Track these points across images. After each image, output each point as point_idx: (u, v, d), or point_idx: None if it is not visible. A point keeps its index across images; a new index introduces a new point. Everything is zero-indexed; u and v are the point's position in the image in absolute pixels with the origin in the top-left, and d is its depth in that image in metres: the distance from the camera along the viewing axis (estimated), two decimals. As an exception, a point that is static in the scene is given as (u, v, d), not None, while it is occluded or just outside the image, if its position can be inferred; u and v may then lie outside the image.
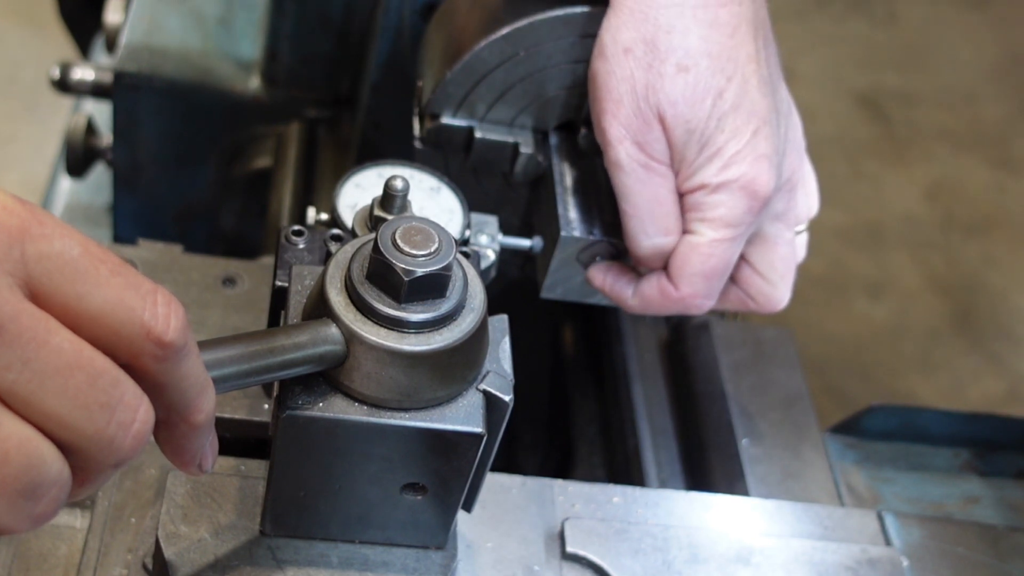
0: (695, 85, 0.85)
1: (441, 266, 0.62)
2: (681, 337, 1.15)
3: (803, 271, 0.97)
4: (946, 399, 2.65)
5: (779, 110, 0.90)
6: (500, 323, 0.70)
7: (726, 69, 0.85)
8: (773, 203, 0.90)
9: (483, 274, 0.83)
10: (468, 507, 0.74)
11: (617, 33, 0.86)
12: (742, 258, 0.92)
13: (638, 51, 0.85)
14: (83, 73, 1.37)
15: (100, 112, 1.53)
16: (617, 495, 0.90)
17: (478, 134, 0.96)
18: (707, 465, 1.04)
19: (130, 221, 1.41)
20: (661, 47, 0.85)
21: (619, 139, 0.86)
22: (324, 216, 0.87)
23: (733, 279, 0.93)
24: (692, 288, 0.89)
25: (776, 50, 0.91)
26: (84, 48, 2.02)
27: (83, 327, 0.50)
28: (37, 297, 0.49)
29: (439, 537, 0.73)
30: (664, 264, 0.91)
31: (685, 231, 0.89)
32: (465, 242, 0.90)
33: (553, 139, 0.98)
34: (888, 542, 0.92)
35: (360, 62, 1.25)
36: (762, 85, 0.87)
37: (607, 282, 0.94)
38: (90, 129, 1.40)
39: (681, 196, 0.89)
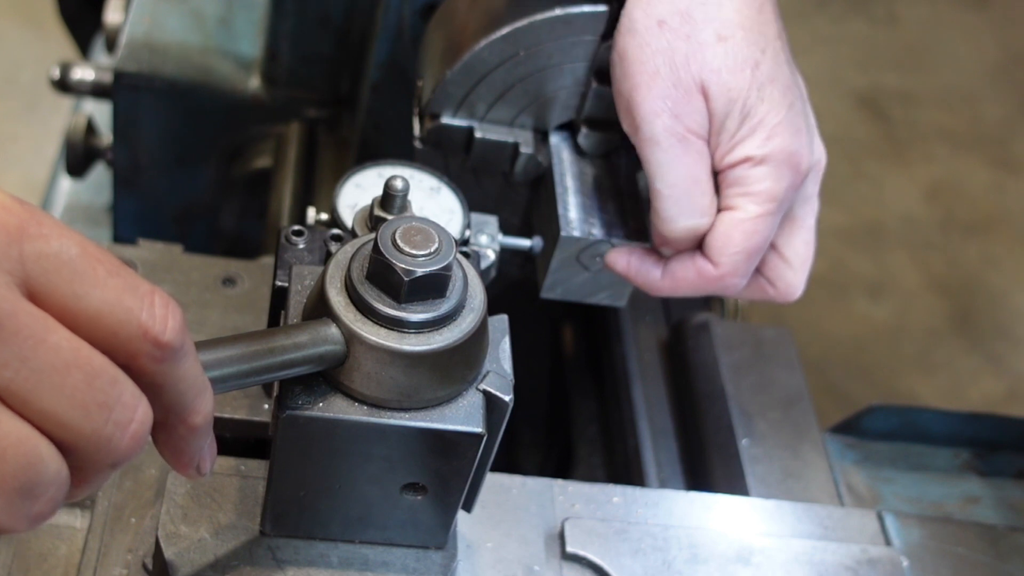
0: (735, 54, 0.84)
1: (441, 266, 0.62)
2: (681, 337, 1.15)
3: (803, 271, 0.96)
4: (946, 399, 2.65)
5: (802, 89, 0.90)
6: (500, 323, 0.70)
7: (759, 42, 0.85)
8: (805, 183, 0.89)
9: (483, 274, 0.83)
10: (468, 507, 0.74)
11: (649, 7, 0.85)
12: None
13: (674, 22, 0.84)
14: (83, 73, 1.37)
15: (100, 112, 1.53)
16: (617, 495, 0.90)
17: (478, 134, 0.96)
18: (707, 465, 1.04)
19: (130, 221, 1.41)
20: (697, 18, 0.84)
21: (656, 112, 0.84)
22: (324, 216, 0.87)
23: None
24: (733, 267, 0.87)
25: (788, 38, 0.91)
26: (84, 48, 2.02)
27: (81, 327, 0.50)
28: (35, 297, 0.49)
29: (439, 537, 0.73)
30: (695, 245, 0.89)
31: (724, 207, 0.87)
32: (465, 242, 0.90)
33: (553, 139, 0.98)
34: (888, 542, 0.92)
35: (360, 62, 1.25)
36: (789, 62, 0.87)
37: (632, 265, 0.91)
38: (90, 129, 1.40)
39: (718, 172, 0.87)
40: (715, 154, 0.87)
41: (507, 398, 0.66)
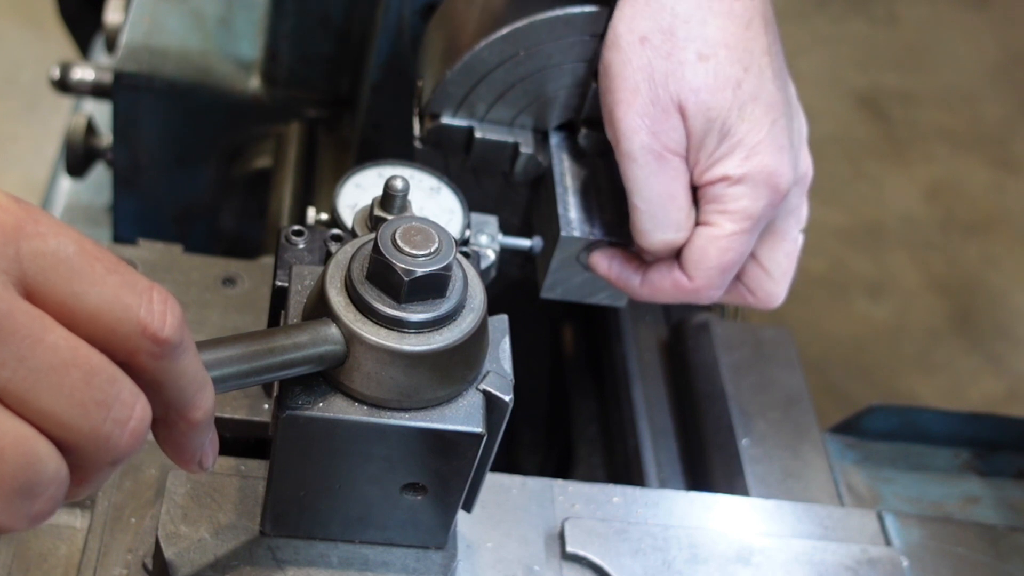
0: (716, 73, 0.84)
1: (441, 266, 0.62)
2: (681, 337, 1.15)
3: (803, 271, 0.97)
4: (946, 399, 2.65)
5: (791, 104, 0.90)
6: (500, 323, 0.70)
7: (743, 59, 0.85)
8: (789, 197, 0.89)
9: (483, 274, 0.83)
10: (468, 507, 0.74)
11: (632, 23, 0.85)
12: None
13: (656, 40, 0.84)
14: (83, 73, 1.37)
15: (100, 112, 1.53)
16: (617, 495, 0.90)
17: (478, 134, 0.96)
18: (707, 465, 1.04)
19: (130, 221, 1.41)
20: (680, 36, 0.84)
21: (634, 130, 0.85)
22: (324, 216, 0.87)
23: (736, 273, 0.93)
24: (707, 281, 0.88)
25: (782, 48, 0.91)
26: (84, 48, 2.02)
27: (79, 325, 0.50)
28: (32, 295, 0.49)
29: (439, 537, 0.73)
30: (673, 254, 0.90)
31: (701, 223, 0.88)
32: (465, 242, 0.90)
33: (553, 139, 0.98)
34: (888, 542, 0.92)
35: (360, 62, 1.25)
36: (776, 78, 0.87)
37: (612, 269, 0.93)
38: (90, 129, 1.40)
39: (697, 188, 0.88)
40: (694, 170, 0.87)
41: (507, 398, 0.66)
